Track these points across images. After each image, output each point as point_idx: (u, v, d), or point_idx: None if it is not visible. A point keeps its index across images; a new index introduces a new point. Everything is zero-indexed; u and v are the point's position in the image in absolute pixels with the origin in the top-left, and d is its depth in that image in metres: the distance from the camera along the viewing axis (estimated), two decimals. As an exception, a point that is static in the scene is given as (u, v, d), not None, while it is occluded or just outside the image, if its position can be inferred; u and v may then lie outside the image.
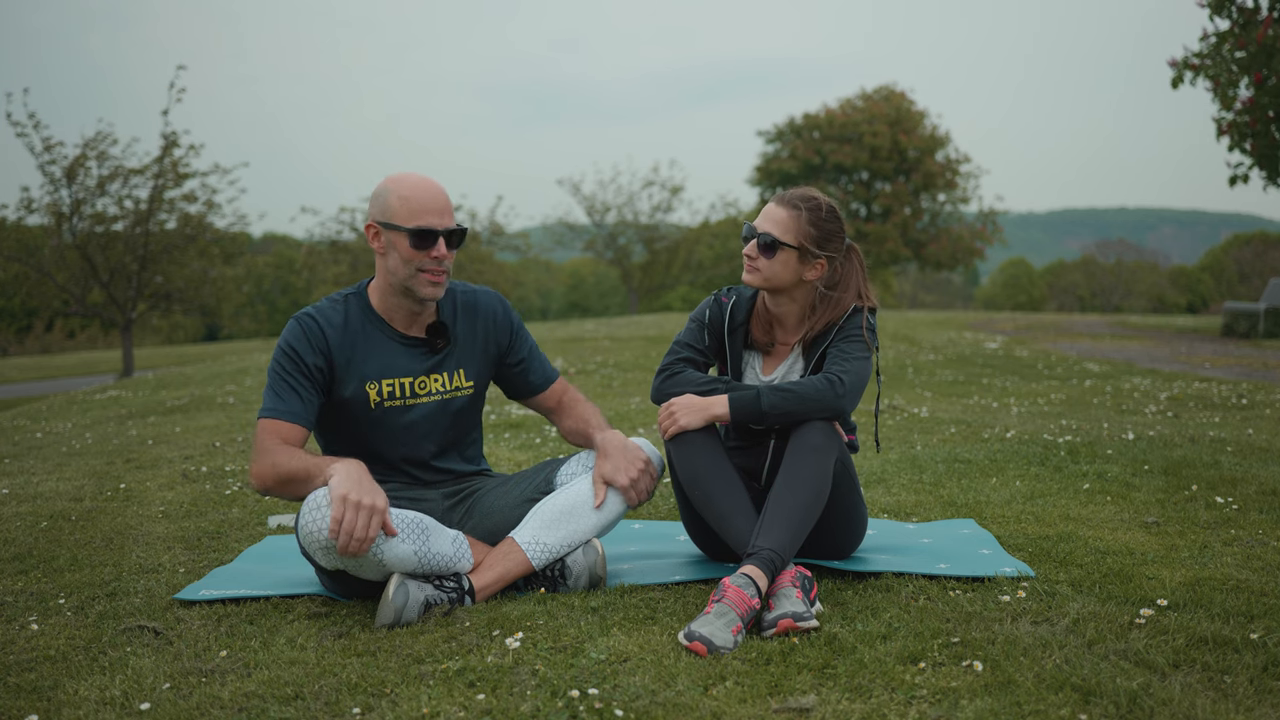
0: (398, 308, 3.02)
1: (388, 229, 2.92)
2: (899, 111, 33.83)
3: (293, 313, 2.86)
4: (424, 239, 2.89)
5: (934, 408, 7.19)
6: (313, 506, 2.67)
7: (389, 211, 2.91)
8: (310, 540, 2.68)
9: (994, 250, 38.32)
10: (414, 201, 2.89)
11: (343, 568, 2.73)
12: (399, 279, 2.94)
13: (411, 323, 3.05)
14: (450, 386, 3.09)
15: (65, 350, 37.06)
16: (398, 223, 2.90)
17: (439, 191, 2.94)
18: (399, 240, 2.90)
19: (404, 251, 2.91)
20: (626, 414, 6.95)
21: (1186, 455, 4.79)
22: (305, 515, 2.68)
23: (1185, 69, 14.10)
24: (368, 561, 2.69)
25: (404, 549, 2.72)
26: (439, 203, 2.92)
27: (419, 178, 2.95)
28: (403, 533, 2.72)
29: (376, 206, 2.95)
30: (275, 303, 48.98)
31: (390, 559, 2.70)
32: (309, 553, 2.75)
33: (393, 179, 2.95)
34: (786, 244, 3.03)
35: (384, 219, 2.92)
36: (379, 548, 2.67)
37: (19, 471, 5.58)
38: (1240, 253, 49.41)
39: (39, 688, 2.36)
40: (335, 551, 2.65)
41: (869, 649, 2.39)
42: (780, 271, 3.05)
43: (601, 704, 2.12)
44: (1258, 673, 2.23)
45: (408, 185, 2.92)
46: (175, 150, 18.25)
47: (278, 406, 2.89)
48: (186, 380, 11.55)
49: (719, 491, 2.89)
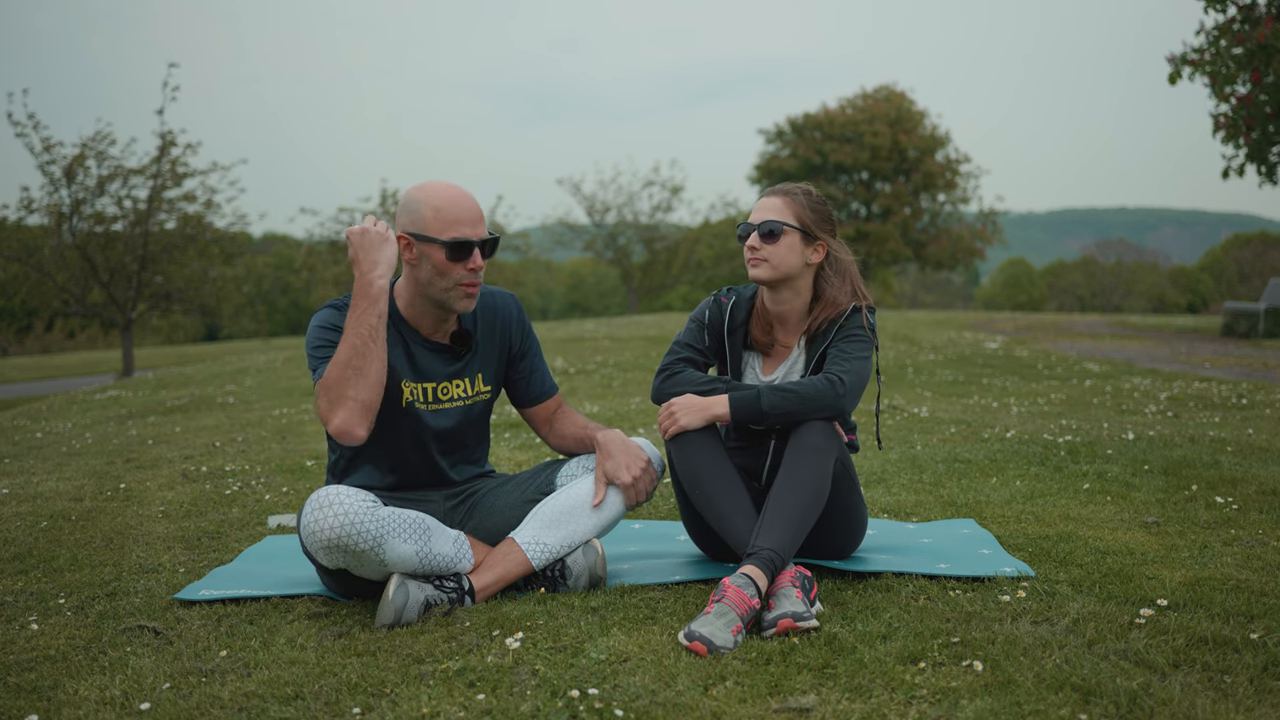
0: (425, 314, 2.98)
1: (421, 241, 2.86)
2: (899, 111, 33.85)
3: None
4: (460, 251, 2.84)
5: (934, 408, 7.19)
6: (315, 506, 2.67)
7: (422, 223, 2.85)
8: (312, 539, 2.68)
9: (994, 250, 38.33)
10: (447, 213, 2.83)
11: (344, 567, 2.73)
12: (433, 291, 2.89)
13: (436, 329, 3.02)
14: (472, 392, 3.08)
15: (65, 350, 37.07)
16: (431, 234, 2.84)
17: (471, 202, 2.87)
18: (433, 252, 2.85)
19: (439, 264, 2.85)
20: (626, 414, 6.95)
21: (1186, 455, 4.79)
22: (308, 514, 2.68)
23: (1183, 64, 14.12)
24: (369, 561, 2.69)
25: (405, 548, 2.72)
26: (472, 213, 2.86)
27: (449, 187, 2.88)
28: (404, 532, 2.72)
29: (407, 217, 2.88)
30: (275, 303, 48.98)
31: (392, 558, 2.70)
32: (311, 551, 2.75)
33: (422, 189, 2.89)
34: (789, 225, 3.05)
35: (417, 230, 2.86)
36: (381, 547, 2.67)
37: (19, 471, 5.58)
38: (1240, 253, 49.42)
39: (39, 688, 2.36)
40: (340, 550, 2.65)
41: (869, 649, 2.39)
42: (787, 255, 3.05)
43: (601, 704, 2.12)
44: (1258, 673, 2.23)
45: (440, 196, 2.85)
46: (173, 149, 18.25)
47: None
48: (186, 380, 11.55)
49: (719, 491, 2.89)
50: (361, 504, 2.67)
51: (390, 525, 2.70)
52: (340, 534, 2.64)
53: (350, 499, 2.67)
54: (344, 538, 2.64)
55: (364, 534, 2.65)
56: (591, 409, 7.23)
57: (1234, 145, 14.30)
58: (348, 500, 2.66)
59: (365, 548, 2.66)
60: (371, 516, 2.66)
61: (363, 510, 2.66)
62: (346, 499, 2.66)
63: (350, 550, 2.66)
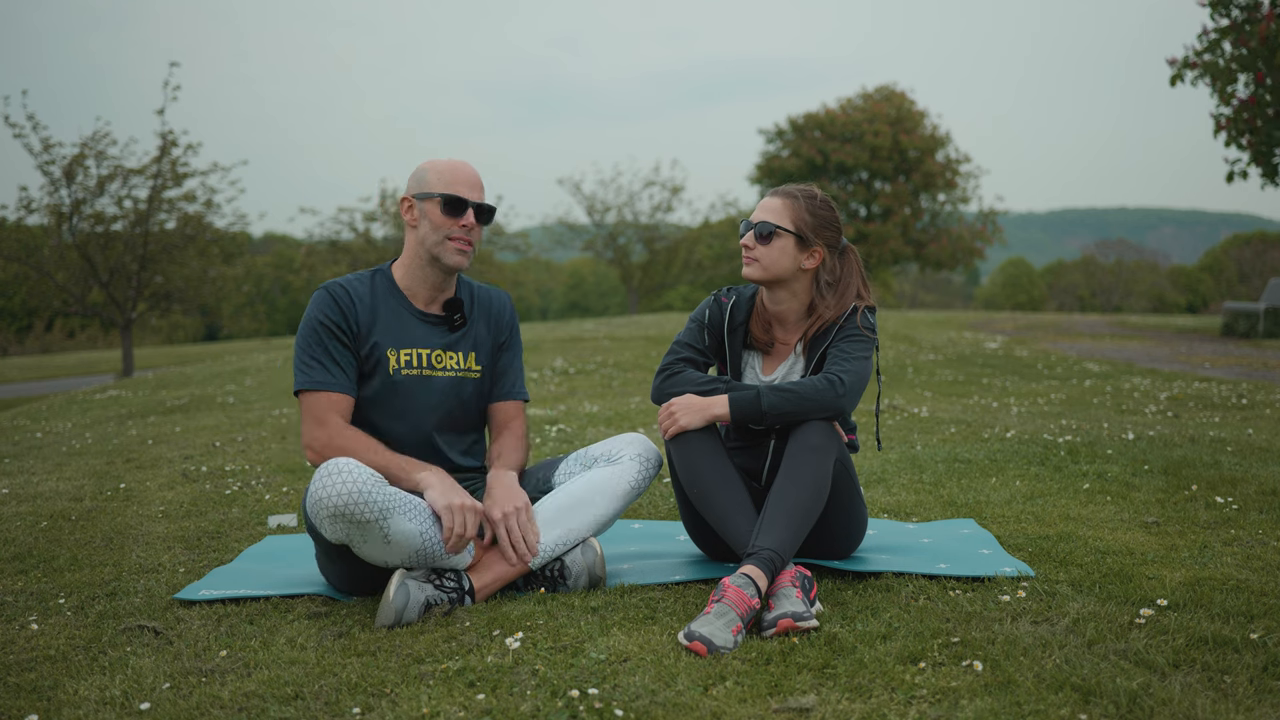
0: (422, 282, 3.12)
1: (421, 199, 3.07)
2: (899, 111, 33.83)
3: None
4: (455, 206, 3.04)
5: (934, 408, 7.19)
6: (324, 474, 2.68)
7: (424, 184, 3.08)
8: (318, 506, 2.68)
9: (994, 250, 38.31)
10: (448, 174, 3.07)
11: (346, 541, 2.74)
12: (428, 246, 3.06)
13: (432, 299, 3.15)
14: (464, 366, 3.16)
15: (65, 350, 37.06)
16: (430, 191, 3.05)
17: (472, 170, 3.11)
18: (431, 208, 3.05)
19: (435, 219, 3.04)
20: (626, 414, 6.95)
21: (1186, 455, 4.79)
22: (316, 481, 2.69)
23: (1185, 67, 14.11)
24: (372, 534, 2.69)
25: (410, 526, 2.73)
26: (471, 179, 3.09)
27: (454, 160, 3.12)
28: (410, 511, 2.75)
29: (413, 183, 3.11)
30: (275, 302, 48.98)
31: (395, 533, 2.71)
32: (315, 523, 2.75)
33: (430, 160, 3.13)
34: (783, 229, 3.04)
35: (418, 191, 3.08)
36: (386, 520, 2.69)
37: (19, 471, 5.58)
38: (1240, 252, 49.40)
39: (39, 688, 2.36)
40: (345, 519, 2.66)
41: (869, 649, 2.39)
42: (779, 259, 3.05)
43: (601, 704, 2.12)
44: (1258, 673, 2.23)
45: (444, 163, 3.10)
46: (173, 149, 18.24)
47: (324, 379, 2.96)
48: (186, 380, 11.55)
49: (719, 491, 2.89)
50: (370, 476, 2.70)
51: (397, 501, 2.72)
52: (347, 501, 2.64)
53: (359, 470, 2.69)
54: (350, 506, 2.65)
55: (371, 504, 2.66)
56: (591, 409, 7.23)
57: (1237, 147, 14.29)
58: (356, 471, 2.69)
59: (370, 518, 2.66)
60: (379, 489, 2.69)
61: (370, 482, 2.68)
62: (355, 470, 2.69)
63: (355, 520, 2.66)
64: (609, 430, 6.19)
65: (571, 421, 6.58)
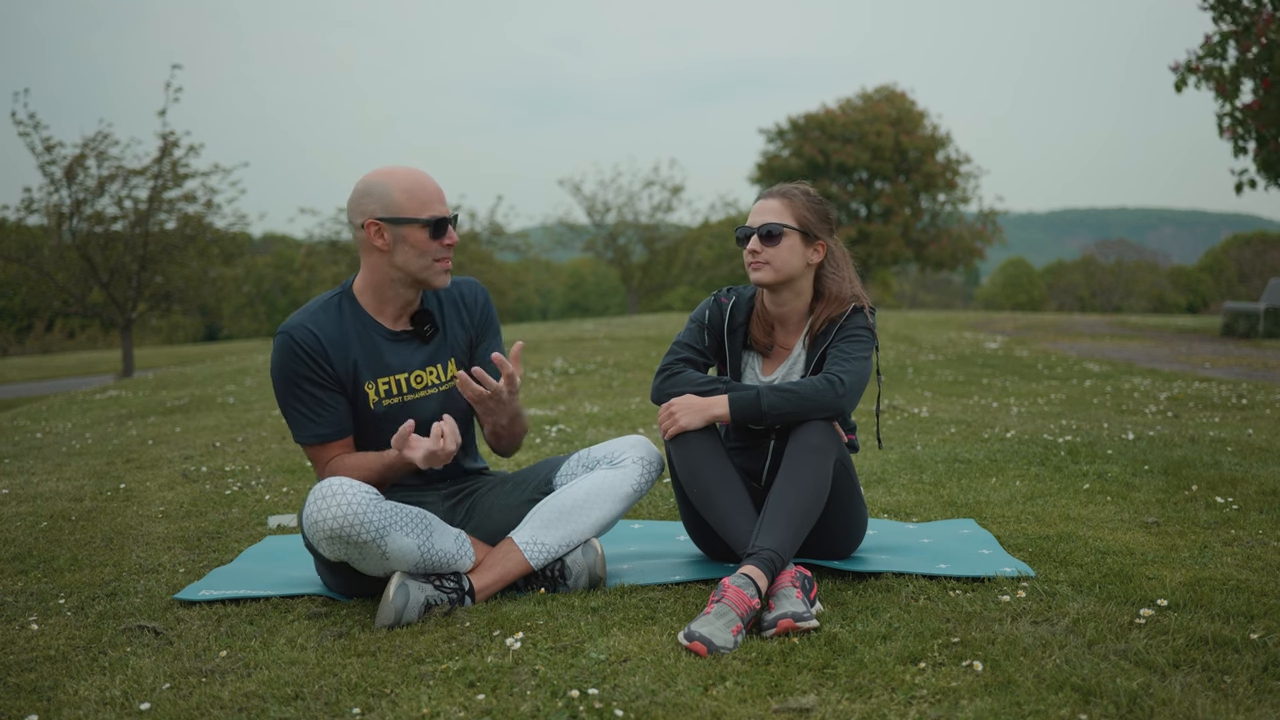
0: (391, 301, 2.99)
1: (397, 224, 2.88)
2: (900, 111, 33.84)
3: (292, 313, 2.80)
4: (439, 229, 2.92)
5: (934, 408, 7.19)
6: (318, 496, 2.68)
7: (395, 207, 2.88)
8: (315, 529, 2.68)
9: (994, 250, 38.31)
10: (418, 194, 2.90)
11: (345, 559, 2.73)
12: (413, 271, 2.93)
13: (399, 316, 3.03)
14: (445, 378, 3.07)
15: (65, 350, 37.05)
16: (410, 215, 2.89)
17: (433, 181, 2.97)
18: (413, 233, 2.89)
19: (420, 244, 2.90)
20: (626, 414, 6.94)
21: (1186, 455, 4.79)
22: (311, 504, 2.69)
23: (1189, 73, 14.08)
24: (370, 553, 2.69)
25: (408, 542, 2.73)
26: (439, 192, 2.97)
27: (410, 170, 2.95)
28: (407, 525, 2.74)
29: (376, 204, 2.89)
30: (275, 303, 48.97)
31: (394, 551, 2.71)
32: (313, 543, 2.75)
33: (382, 173, 2.93)
34: (789, 227, 3.04)
35: (391, 215, 2.88)
36: (383, 539, 2.68)
37: (19, 471, 5.58)
38: (1240, 253, 49.38)
39: (39, 688, 2.36)
40: (342, 541, 2.66)
41: (869, 649, 2.39)
42: (789, 258, 3.05)
43: (601, 704, 2.12)
44: (1258, 673, 2.23)
45: (406, 179, 2.91)
46: (175, 151, 18.24)
47: (320, 432, 2.93)
48: (186, 380, 11.54)
49: (719, 491, 2.89)
50: (365, 495, 2.68)
51: (393, 517, 2.71)
52: (343, 524, 2.64)
53: (354, 490, 2.68)
54: (346, 528, 2.64)
55: (367, 525, 2.65)
56: (591, 409, 7.23)
57: (1243, 155, 14.24)
58: (351, 491, 2.67)
59: (368, 539, 2.66)
60: (375, 508, 2.68)
61: (366, 501, 2.67)
62: (350, 490, 2.67)
63: (352, 541, 2.66)
64: (609, 430, 6.19)
65: (571, 422, 6.58)
